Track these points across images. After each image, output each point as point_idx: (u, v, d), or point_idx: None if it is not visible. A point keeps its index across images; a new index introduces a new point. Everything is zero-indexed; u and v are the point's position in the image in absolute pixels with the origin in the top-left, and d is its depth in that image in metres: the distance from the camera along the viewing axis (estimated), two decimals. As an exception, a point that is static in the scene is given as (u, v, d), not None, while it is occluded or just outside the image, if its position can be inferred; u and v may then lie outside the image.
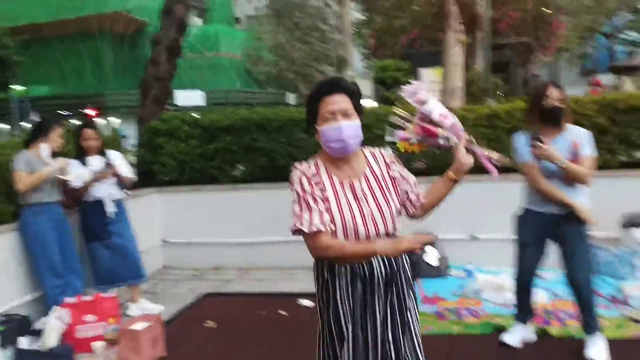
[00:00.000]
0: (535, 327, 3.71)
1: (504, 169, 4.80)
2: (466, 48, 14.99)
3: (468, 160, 2.06)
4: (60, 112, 25.62)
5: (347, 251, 1.92)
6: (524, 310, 3.59)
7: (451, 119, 2.11)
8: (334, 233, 1.95)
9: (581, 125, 5.02)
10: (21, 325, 3.75)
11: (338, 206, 1.97)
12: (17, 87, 22.40)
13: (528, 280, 3.51)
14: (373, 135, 5.46)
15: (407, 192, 2.13)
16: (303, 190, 1.98)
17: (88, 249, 4.46)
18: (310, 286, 2.25)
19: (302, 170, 2.02)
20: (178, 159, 5.94)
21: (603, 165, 5.06)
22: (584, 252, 3.28)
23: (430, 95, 2.13)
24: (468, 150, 2.08)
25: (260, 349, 3.72)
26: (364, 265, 2.00)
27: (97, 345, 3.65)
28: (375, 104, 16.34)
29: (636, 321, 3.78)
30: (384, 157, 2.12)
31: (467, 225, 5.27)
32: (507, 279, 4.51)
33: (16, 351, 3.49)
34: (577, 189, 3.22)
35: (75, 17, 24.81)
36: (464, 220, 5.25)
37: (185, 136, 5.91)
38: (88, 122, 4.58)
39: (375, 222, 1.98)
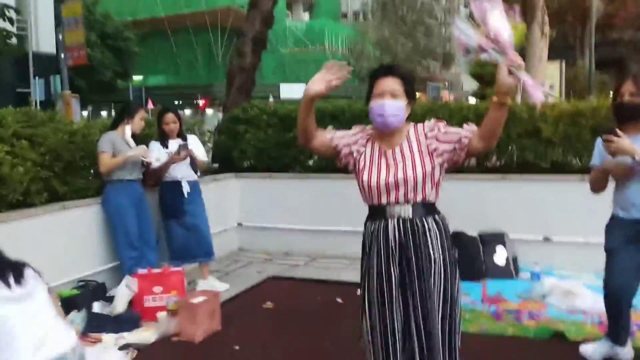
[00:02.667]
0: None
1: (583, 171, 4.51)
2: (576, 43, 14.14)
3: (507, 81, 2.00)
4: (173, 101, 27.43)
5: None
6: (613, 327, 3.19)
7: (506, 35, 2.00)
8: (362, 188, 2.31)
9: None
10: (96, 290, 4.15)
11: (369, 168, 2.29)
12: (135, 77, 24.19)
13: (618, 292, 3.08)
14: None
15: (448, 145, 2.23)
16: (349, 132, 2.40)
17: (164, 226, 4.81)
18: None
19: (364, 128, 2.41)
20: (256, 146, 6.18)
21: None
22: None
23: (496, 9, 2.03)
24: (511, 72, 2.00)
25: (306, 332, 3.84)
26: (382, 231, 2.25)
27: (161, 314, 3.93)
28: (473, 100, 15.82)
29: None
30: (423, 128, 2.31)
31: (541, 225, 5.03)
32: (576, 284, 4.28)
33: (89, 314, 3.86)
34: None
35: (189, 11, 26.36)
36: (539, 220, 5.03)
37: (264, 125, 6.14)
38: (169, 107, 4.91)
39: (397, 183, 2.22)
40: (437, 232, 2.25)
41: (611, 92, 3.18)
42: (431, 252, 2.22)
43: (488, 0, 2.04)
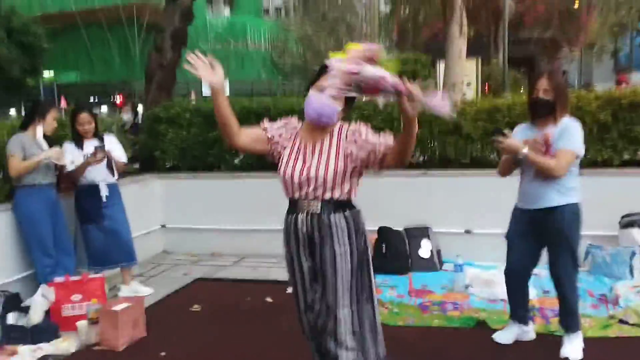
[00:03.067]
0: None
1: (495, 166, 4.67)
2: (490, 42, 14.81)
3: (412, 112, 2.10)
4: (87, 98, 26.17)
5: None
6: (515, 308, 3.49)
7: (390, 79, 2.10)
8: (284, 179, 2.38)
9: (583, 121, 4.94)
10: (10, 301, 3.86)
11: (287, 161, 2.37)
12: (46, 74, 22.89)
13: (516, 276, 3.41)
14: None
15: (364, 152, 2.29)
16: (277, 123, 2.48)
17: (82, 231, 4.56)
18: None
19: (290, 121, 2.49)
20: (179, 145, 6.00)
21: (605, 162, 4.96)
22: (566, 249, 3.17)
23: (359, 64, 2.15)
24: (410, 100, 2.07)
25: (235, 333, 3.77)
26: (293, 223, 2.38)
27: (81, 323, 3.72)
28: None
29: (622, 321, 3.69)
30: (347, 133, 2.36)
31: (464, 219, 5.21)
32: (496, 274, 4.46)
33: (3, 326, 3.60)
34: (557, 184, 3.11)
35: (103, 5, 25.24)
36: (460, 214, 5.20)
37: (186, 123, 5.97)
38: (82, 107, 4.65)
39: (309, 180, 2.31)
40: (344, 228, 2.35)
41: (523, 89, 3.35)
42: (336, 246, 2.33)
43: (355, 63, 2.15)
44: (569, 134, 3.08)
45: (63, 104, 20.35)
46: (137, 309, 3.75)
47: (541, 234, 3.23)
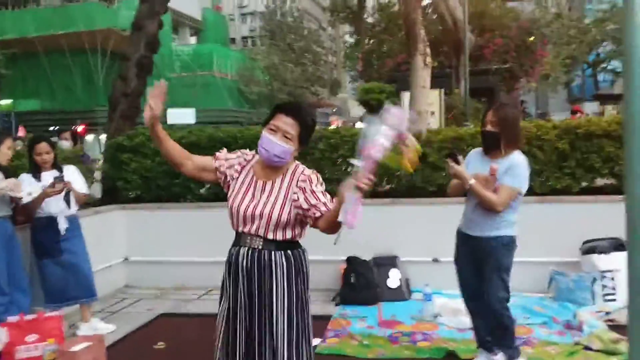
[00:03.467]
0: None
1: (466, 194, 4.76)
2: (452, 73, 15.21)
3: (347, 190, 2.07)
4: (48, 127, 25.55)
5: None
6: (479, 335, 3.52)
7: (375, 156, 2.07)
8: (230, 211, 2.36)
9: (542, 150, 5.05)
10: (-42, 343, 3.65)
11: (238, 191, 2.36)
12: (4, 102, 22.32)
13: (471, 299, 3.47)
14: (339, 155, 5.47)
15: (307, 207, 2.28)
16: (232, 154, 2.47)
17: (39, 266, 4.37)
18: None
19: (244, 153, 2.47)
20: (143, 175, 5.87)
21: (564, 190, 5.07)
22: (497, 275, 3.25)
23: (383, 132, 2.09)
24: (355, 186, 2.07)
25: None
26: (234, 256, 2.36)
27: (36, 365, 3.54)
28: (360, 125, 16.41)
29: (587, 348, 3.72)
30: (299, 177, 2.35)
31: (431, 247, 5.22)
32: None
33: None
34: (496, 216, 3.21)
35: (64, 32, 24.86)
36: (429, 242, 5.21)
37: (150, 153, 5.86)
38: (40, 136, 4.51)
39: (254, 217, 2.31)
40: (284, 266, 2.33)
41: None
42: (274, 283, 2.31)
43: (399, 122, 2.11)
44: (513, 172, 3.18)
45: (21, 132, 19.81)
46: (97, 349, 3.58)
47: (479, 259, 3.33)
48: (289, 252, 2.36)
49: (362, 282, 4.96)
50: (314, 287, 2.56)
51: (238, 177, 2.41)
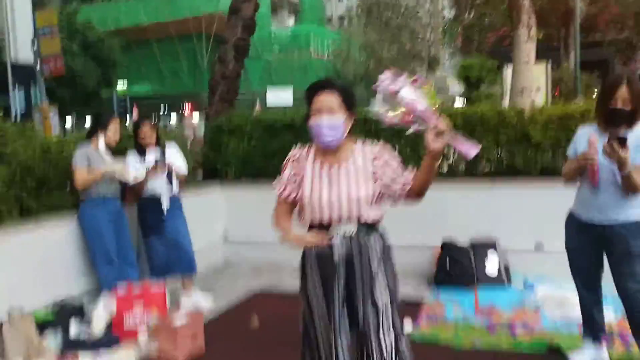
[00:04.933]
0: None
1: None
2: (560, 46, 14.18)
3: (435, 145, 2.08)
4: (158, 110, 27.14)
5: (277, 225, 2.40)
6: (590, 327, 3.28)
7: (422, 106, 2.10)
8: (302, 204, 2.30)
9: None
10: (73, 312, 3.95)
11: (311, 183, 2.29)
12: (120, 86, 23.94)
13: (586, 291, 3.23)
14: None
15: (390, 182, 2.26)
16: (286, 167, 2.38)
17: (145, 243, 4.63)
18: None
19: (293, 152, 2.40)
20: (241, 156, 6.02)
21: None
22: (636, 266, 2.94)
23: (402, 83, 2.13)
24: (438, 135, 2.07)
25: (296, 349, 3.67)
26: (327, 248, 2.25)
27: (141, 336, 3.76)
28: (461, 104, 15.82)
29: None
30: (370, 151, 2.32)
31: (533, 233, 4.92)
32: (571, 293, 4.16)
33: (65, 339, 3.68)
34: (629, 200, 2.91)
35: (173, 19, 26.14)
36: (530, 227, 4.91)
37: (248, 134, 5.99)
38: (143, 120, 4.72)
39: (340, 204, 2.24)
40: (380, 250, 2.29)
41: (596, 93, 3.11)
42: (374, 267, 2.26)
43: (393, 82, 2.13)
44: None
45: (135, 114, 21.19)
46: (196, 324, 3.74)
47: (607, 249, 3.04)
48: (379, 233, 2.31)
49: (458, 268, 4.77)
50: (408, 273, 2.48)
51: (305, 173, 2.31)
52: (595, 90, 11.75)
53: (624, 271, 2.98)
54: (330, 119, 2.21)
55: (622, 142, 2.74)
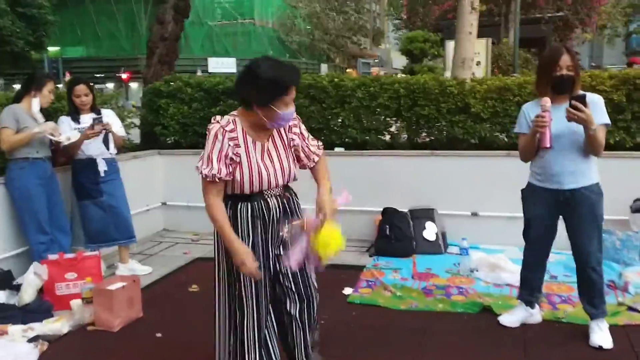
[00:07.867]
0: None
1: (510, 147, 4.63)
2: (501, 22, 14.52)
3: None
4: (94, 74, 25.97)
5: (218, 226, 2.36)
6: (527, 291, 3.41)
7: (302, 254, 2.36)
8: (242, 182, 2.33)
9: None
10: (1, 279, 3.77)
11: (248, 161, 2.33)
12: (51, 48, 22.70)
13: (536, 258, 3.34)
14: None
15: (301, 151, 2.49)
16: (215, 141, 2.28)
17: (79, 207, 4.45)
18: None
19: (222, 125, 2.31)
20: (180, 121, 5.86)
21: (617, 144, 4.79)
22: (595, 230, 3.10)
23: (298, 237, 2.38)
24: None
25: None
26: (262, 205, 2.38)
27: (75, 303, 3.64)
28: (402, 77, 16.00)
29: (631, 309, 3.57)
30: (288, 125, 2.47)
31: (470, 201, 5.07)
32: (503, 258, 4.35)
33: (-7, 304, 3.51)
34: (590, 160, 3.06)
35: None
36: (467, 196, 5.06)
37: (188, 99, 5.83)
38: (79, 78, 4.51)
39: (276, 176, 2.40)
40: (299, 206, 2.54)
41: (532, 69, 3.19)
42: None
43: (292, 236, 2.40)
44: (600, 108, 2.98)
45: (67, 78, 20.21)
46: (133, 289, 3.65)
47: (565, 213, 3.13)
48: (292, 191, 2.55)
49: (397, 234, 4.87)
50: (348, 238, 2.50)
51: (240, 149, 2.31)
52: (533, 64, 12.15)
53: (584, 230, 3.09)
54: (293, 110, 2.35)
55: (583, 101, 2.84)
